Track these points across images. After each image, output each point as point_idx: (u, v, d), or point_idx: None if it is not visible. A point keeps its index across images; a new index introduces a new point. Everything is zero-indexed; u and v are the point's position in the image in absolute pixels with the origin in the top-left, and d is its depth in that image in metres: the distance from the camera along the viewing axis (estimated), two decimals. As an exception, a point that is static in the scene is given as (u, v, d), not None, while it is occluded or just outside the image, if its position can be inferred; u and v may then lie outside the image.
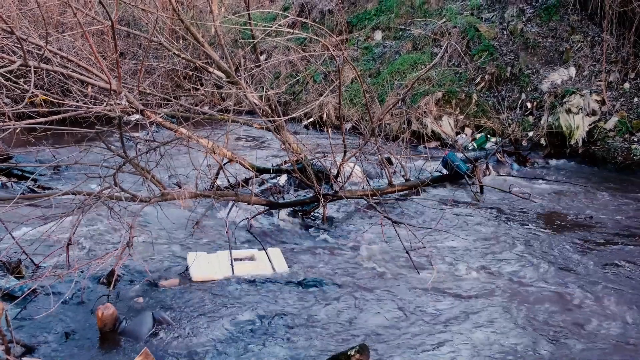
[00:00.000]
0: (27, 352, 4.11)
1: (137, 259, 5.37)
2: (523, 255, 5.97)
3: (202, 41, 7.01)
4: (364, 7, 14.38)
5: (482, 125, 10.79)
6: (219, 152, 6.72)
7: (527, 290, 5.22)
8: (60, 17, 10.63)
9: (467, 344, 4.36)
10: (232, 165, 7.38)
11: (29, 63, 4.88)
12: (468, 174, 8.20)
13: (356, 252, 6.11)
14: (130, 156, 5.76)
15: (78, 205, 5.41)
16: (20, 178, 8.25)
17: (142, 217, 6.19)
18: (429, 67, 8.55)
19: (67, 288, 4.88)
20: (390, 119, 10.24)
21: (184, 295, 5.12)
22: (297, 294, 5.17)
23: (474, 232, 6.62)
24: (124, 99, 5.31)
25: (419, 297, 5.10)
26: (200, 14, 14.67)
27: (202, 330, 4.55)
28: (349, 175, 7.29)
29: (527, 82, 10.81)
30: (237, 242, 6.27)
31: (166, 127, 6.34)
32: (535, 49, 11.06)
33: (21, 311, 4.69)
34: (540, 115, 10.29)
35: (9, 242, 5.50)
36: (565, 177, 8.84)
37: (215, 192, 6.46)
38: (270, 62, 9.92)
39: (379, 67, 12.76)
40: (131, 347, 4.29)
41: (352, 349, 3.87)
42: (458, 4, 12.74)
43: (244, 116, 7.53)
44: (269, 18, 14.79)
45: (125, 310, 4.77)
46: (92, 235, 6.24)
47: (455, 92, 11.15)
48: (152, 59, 9.98)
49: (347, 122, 10.52)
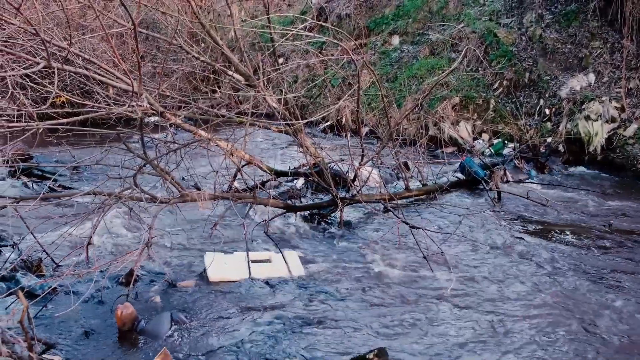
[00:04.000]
0: (47, 349, 4.16)
1: (156, 260, 5.40)
2: (540, 263, 5.93)
3: (221, 44, 7.06)
4: (382, 11, 14.38)
5: (499, 131, 10.75)
6: (237, 155, 6.75)
7: (544, 298, 5.19)
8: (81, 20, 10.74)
9: (484, 350, 4.35)
10: (249, 168, 7.41)
11: (53, 64, 4.95)
12: (485, 179, 8.17)
13: (373, 256, 6.11)
14: (150, 158, 5.80)
15: (98, 205, 5.47)
16: (41, 178, 8.35)
17: (161, 218, 6.23)
18: (447, 72, 8.54)
19: (87, 287, 4.94)
20: (408, 124, 10.23)
21: (202, 296, 5.15)
22: (314, 296, 5.18)
23: (492, 239, 6.59)
24: (145, 101, 5.36)
25: (436, 302, 5.08)
26: (218, 17, 14.75)
27: (219, 331, 4.57)
28: (366, 180, 7.29)
29: (545, 88, 10.76)
30: (254, 244, 6.29)
31: (185, 129, 6.38)
32: (554, 54, 11.01)
33: (42, 309, 4.74)
34: (558, 122, 10.23)
35: (30, 241, 5.58)
36: (583, 184, 8.78)
37: (233, 194, 6.49)
38: (289, 66, 9.94)
39: (396, 72, 12.75)
40: (150, 347, 4.33)
41: (371, 352, 3.87)
42: (476, 9, 12.70)
43: (261, 119, 7.57)
44: (286, 22, 14.84)
45: (144, 310, 4.80)
46: (112, 236, 6.29)
47: (473, 97, 11.12)
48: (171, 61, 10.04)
49: (365, 126, 10.53)
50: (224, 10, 14.20)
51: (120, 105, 5.39)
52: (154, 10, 7.85)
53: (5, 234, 6.18)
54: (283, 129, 7.17)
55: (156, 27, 11.77)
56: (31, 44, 5.46)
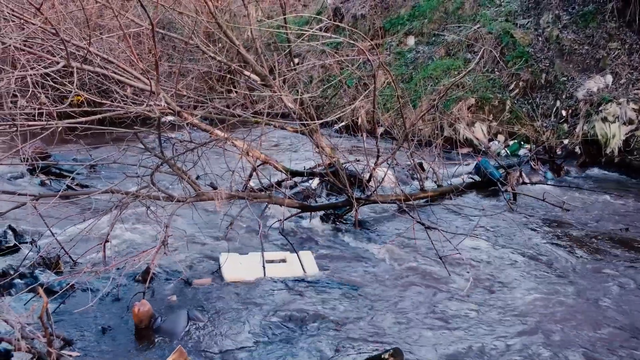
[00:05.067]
0: (66, 345, 4.21)
1: (172, 258, 5.44)
2: (556, 265, 5.91)
3: (238, 44, 7.10)
4: (397, 12, 14.36)
5: (515, 132, 10.69)
6: (252, 154, 6.78)
7: (560, 300, 5.17)
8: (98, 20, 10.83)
9: (499, 352, 4.34)
10: (264, 168, 7.43)
11: (72, 64, 5.01)
12: (501, 180, 8.14)
13: (388, 256, 6.11)
14: (167, 157, 5.84)
15: (116, 203, 5.52)
16: (59, 176, 8.44)
17: (177, 217, 6.27)
18: (464, 73, 8.53)
19: (104, 284, 5.00)
20: (423, 125, 10.21)
21: (217, 295, 5.18)
22: (329, 296, 5.19)
23: (507, 240, 6.56)
24: (163, 100, 5.40)
25: (452, 303, 5.08)
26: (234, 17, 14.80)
27: (234, 330, 4.60)
28: (382, 180, 7.29)
29: (562, 89, 10.69)
30: (269, 244, 6.31)
31: (202, 128, 6.42)
32: (571, 55, 10.94)
33: (60, 306, 4.80)
34: (575, 123, 10.16)
35: (49, 238, 5.64)
36: (600, 186, 8.70)
37: (249, 193, 6.52)
38: (305, 67, 9.96)
39: (412, 73, 12.72)
40: (166, 344, 4.36)
41: (386, 352, 3.88)
42: (492, 10, 12.65)
43: (276, 119, 7.59)
44: (301, 22, 14.86)
45: (160, 307, 4.84)
46: (129, 234, 6.35)
47: (488, 98, 11.08)
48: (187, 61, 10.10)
49: (380, 127, 10.52)
50: (240, 10, 14.25)
51: (138, 104, 5.43)
52: (170, 11, 7.90)
53: (25, 231, 6.26)
54: (299, 129, 7.18)
55: (172, 27, 11.84)
56: (51, 44, 5.53)
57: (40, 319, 3.39)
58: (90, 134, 5.77)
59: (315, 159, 8.20)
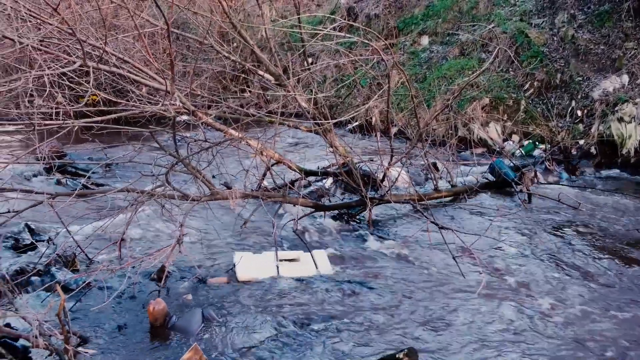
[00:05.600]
0: (82, 342, 4.24)
1: (187, 257, 5.47)
2: (571, 266, 5.87)
3: (252, 44, 7.12)
4: (411, 11, 14.33)
5: (530, 133, 10.63)
6: (266, 154, 6.80)
7: (575, 300, 5.14)
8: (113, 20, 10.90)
9: (514, 352, 4.32)
10: (277, 167, 7.44)
11: (88, 63, 5.04)
12: (516, 181, 8.09)
13: (401, 256, 6.10)
14: (182, 156, 5.87)
15: (131, 202, 5.55)
16: (74, 175, 8.51)
17: (192, 216, 6.30)
18: (479, 73, 8.49)
19: (120, 283, 5.03)
20: (437, 124, 10.18)
21: (231, 294, 5.20)
22: (342, 296, 5.19)
23: (522, 241, 6.53)
24: (178, 100, 5.43)
25: (466, 303, 5.06)
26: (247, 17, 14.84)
27: (249, 329, 4.61)
28: (395, 180, 7.28)
29: (577, 89, 10.61)
30: (283, 243, 6.33)
31: (216, 128, 6.44)
32: (586, 55, 10.85)
33: (76, 303, 4.84)
34: (590, 124, 10.08)
35: (65, 236, 5.69)
36: (616, 187, 8.64)
37: (263, 192, 6.53)
38: (319, 67, 9.96)
39: (425, 72, 12.70)
40: (181, 343, 4.39)
41: (401, 352, 3.87)
42: (507, 10, 12.58)
43: (290, 119, 7.60)
44: (314, 22, 14.87)
45: (175, 306, 4.87)
46: (144, 232, 6.39)
47: (503, 98, 11.02)
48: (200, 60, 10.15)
49: (394, 127, 10.50)
50: (253, 10, 14.29)
51: (153, 104, 5.47)
52: (185, 10, 7.95)
53: (42, 229, 6.32)
54: (312, 129, 7.19)
55: (187, 27, 11.89)
56: (67, 44, 5.57)
57: (57, 317, 3.42)
58: (106, 133, 5.82)
59: (329, 158, 8.21)
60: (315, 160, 8.99)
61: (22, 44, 4.58)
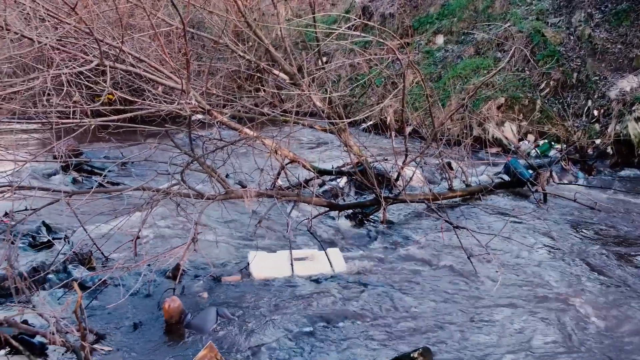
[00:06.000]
0: (98, 339, 4.28)
1: (201, 255, 5.48)
2: (586, 267, 5.81)
3: (267, 44, 7.13)
4: (426, 10, 14.28)
5: (546, 132, 10.55)
6: (281, 153, 6.81)
7: (590, 300, 5.10)
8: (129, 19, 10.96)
9: (528, 352, 4.29)
10: (291, 166, 7.45)
11: (105, 63, 5.08)
12: (531, 181, 8.04)
13: (416, 255, 6.08)
14: (197, 155, 5.89)
15: (147, 200, 5.58)
16: (90, 173, 8.58)
17: (206, 214, 6.32)
18: (495, 72, 8.45)
19: (135, 280, 5.06)
20: (452, 124, 10.14)
21: (246, 292, 5.21)
22: (356, 295, 5.19)
23: (537, 241, 6.48)
24: (193, 99, 5.45)
25: (480, 303, 5.04)
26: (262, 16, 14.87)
27: (263, 328, 4.62)
28: (410, 179, 7.26)
29: (594, 88, 10.51)
30: (297, 242, 6.33)
31: (231, 127, 6.46)
32: (603, 54, 10.75)
33: (92, 301, 4.88)
34: (607, 123, 9.99)
35: (81, 234, 5.73)
36: (633, 187, 8.55)
37: (277, 192, 6.54)
38: (334, 66, 9.96)
39: (440, 72, 12.65)
40: (196, 340, 4.41)
41: (415, 352, 3.86)
42: (523, 9, 12.50)
43: (305, 118, 7.61)
44: (329, 21, 14.87)
45: (190, 304, 4.90)
46: (159, 231, 6.43)
47: (518, 97, 10.95)
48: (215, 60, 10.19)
49: (408, 126, 10.47)
50: (268, 9, 14.32)
51: (169, 102, 5.49)
52: (200, 10, 7.97)
53: (58, 227, 6.38)
54: (327, 128, 7.19)
55: (202, 26, 11.94)
56: (84, 43, 5.61)
57: (74, 314, 3.45)
58: (122, 132, 5.85)
59: (340, 158, 8.21)
60: (330, 160, 8.99)
61: (41, 43, 4.62)
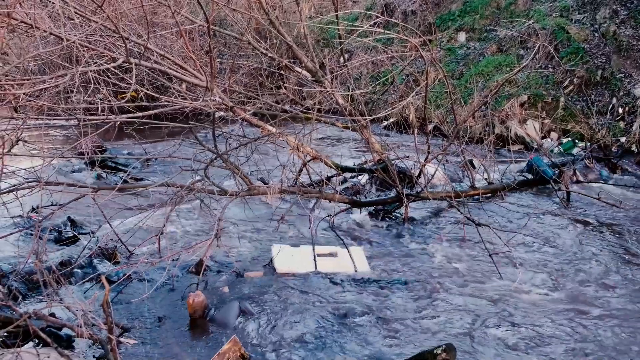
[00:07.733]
0: (124, 333, 4.35)
1: (224, 250, 5.53)
2: (609, 268, 5.75)
3: (290, 41, 7.16)
4: (448, 7, 14.21)
5: (569, 130, 10.44)
6: (303, 150, 6.84)
7: (612, 298, 5.06)
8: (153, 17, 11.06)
9: (551, 350, 4.28)
10: (313, 163, 7.47)
11: (131, 60, 5.14)
12: (554, 179, 7.96)
13: (438, 253, 6.08)
14: (220, 151, 5.94)
15: (171, 196, 5.65)
16: (114, 170, 8.69)
17: (229, 210, 6.37)
18: (519, 69, 8.40)
19: (159, 275, 5.13)
20: (474, 122, 10.08)
21: (268, 287, 5.25)
22: (379, 292, 5.20)
23: (560, 240, 6.43)
24: (217, 96, 5.50)
25: (503, 300, 5.02)
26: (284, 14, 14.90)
27: (285, 323, 4.65)
28: (432, 177, 7.25)
29: (619, 86, 10.38)
30: (319, 239, 6.36)
31: (254, 124, 6.51)
32: (628, 52, 10.61)
33: (117, 295, 4.95)
34: (632, 121, 9.86)
35: (106, 230, 5.82)
36: (658, 186, 8.45)
37: (300, 188, 6.57)
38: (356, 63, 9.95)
39: (462, 69, 12.58)
40: (220, 334, 4.46)
41: (439, 348, 3.86)
42: (546, 5, 12.38)
43: (326, 115, 7.63)
44: (351, 18, 14.86)
45: (213, 299, 4.94)
46: (183, 226, 6.49)
47: (541, 95, 10.85)
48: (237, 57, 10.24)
49: (430, 124, 10.45)
50: (289, 6, 14.35)
51: (193, 99, 5.55)
52: (224, 8, 8.02)
53: (84, 222, 6.47)
54: (349, 126, 7.20)
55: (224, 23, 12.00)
56: (110, 41, 5.69)
57: (102, 307, 3.51)
58: (147, 129, 5.92)
59: (359, 155, 8.22)
60: (351, 157, 9.00)
61: (69, 40, 4.69)
